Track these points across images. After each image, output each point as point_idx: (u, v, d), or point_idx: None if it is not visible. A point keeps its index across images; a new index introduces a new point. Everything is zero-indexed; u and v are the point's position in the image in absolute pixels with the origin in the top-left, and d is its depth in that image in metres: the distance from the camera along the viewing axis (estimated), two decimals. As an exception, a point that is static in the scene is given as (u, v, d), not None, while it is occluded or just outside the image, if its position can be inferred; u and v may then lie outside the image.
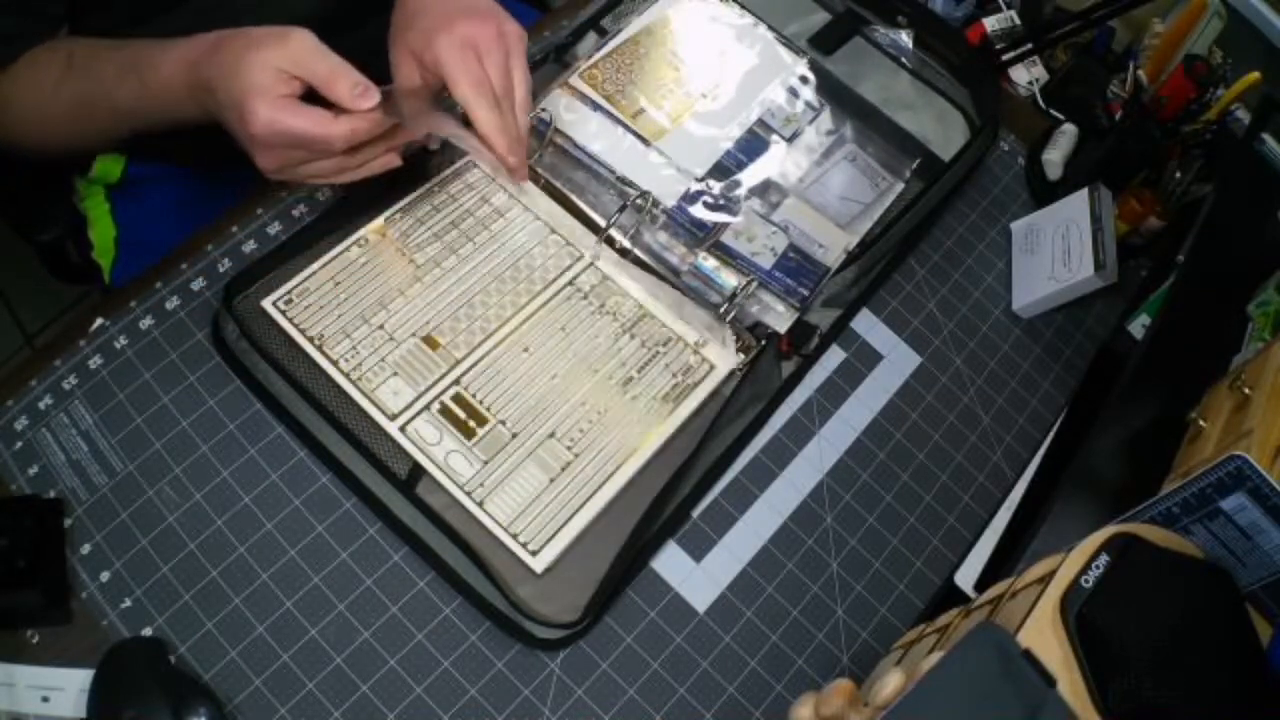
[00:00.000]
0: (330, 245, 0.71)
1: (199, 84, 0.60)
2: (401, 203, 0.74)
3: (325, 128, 0.58)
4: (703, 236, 0.77)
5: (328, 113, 0.58)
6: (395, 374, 0.67)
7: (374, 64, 0.85)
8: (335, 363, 0.66)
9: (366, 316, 0.68)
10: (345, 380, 0.66)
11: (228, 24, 0.71)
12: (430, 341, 0.69)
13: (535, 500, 0.65)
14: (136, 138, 0.75)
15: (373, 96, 0.58)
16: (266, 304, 0.67)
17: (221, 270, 0.70)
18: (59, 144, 0.69)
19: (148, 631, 0.58)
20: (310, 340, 0.67)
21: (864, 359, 0.79)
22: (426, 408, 0.66)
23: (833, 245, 0.80)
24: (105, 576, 0.59)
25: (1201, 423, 0.67)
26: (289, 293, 0.68)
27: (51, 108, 0.66)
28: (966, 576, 0.71)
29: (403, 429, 0.65)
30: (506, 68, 0.66)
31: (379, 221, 0.73)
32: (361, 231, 0.72)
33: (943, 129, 0.91)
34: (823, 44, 0.93)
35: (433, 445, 0.65)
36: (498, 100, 0.65)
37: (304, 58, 0.57)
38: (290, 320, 0.67)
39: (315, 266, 0.69)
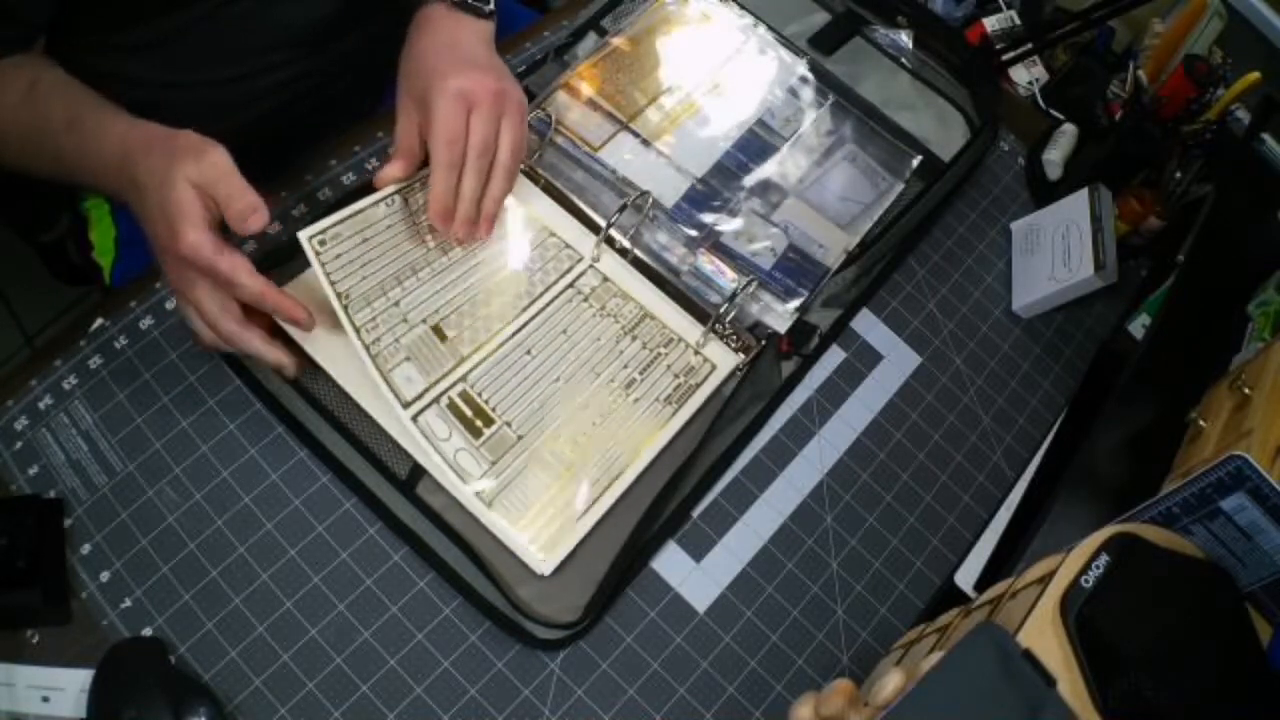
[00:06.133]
0: (360, 197, 0.69)
1: (126, 176, 0.60)
2: (421, 174, 0.71)
3: (236, 272, 0.58)
4: (702, 237, 0.77)
5: (248, 263, 0.59)
6: (408, 358, 0.66)
7: (369, 65, 0.85)
8: (358, 330, 0.65)
9: (385, 289, 0.68)
10: (365, 353, 0.65)
11: (214, 35, 0.71)
12: (439, 332, 0.68)
13: (540, 503, 0.64)
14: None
15: (261, 218, 0.58)
16: (304, 236, 0.65)
17: (221, 270, 0.70)
18: (14, 165, 0.67)
19: (148, 631, 0.58)
20: (338, 296, 0.65)
21: (864, 359, 0.79)
22: (436, 400, 0.66)
23: (833, 245, 0.80)
24: (105, 576, 0.59)
25: (1201, 423, 0.67)
26: (323, 231, 0.66)
27: (4, 130, 0.64)
28: (966, 576, 0.71)
29: (415, 419, 0.65)
30: (495, 128, 0.66)
31: (401, 187, 0.70)
32: (389, 191, 0.70)
33: (943, 129, 0.91)
34: (823, 44, 0.93)
35: (443, 440, 0.65)
36: (463, 161, 0.66)
37: (213, 177, 0.57)
38: (322, 263, 0.65)
39: (347, 211, 0.68)
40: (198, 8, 0.69)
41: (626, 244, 0.75)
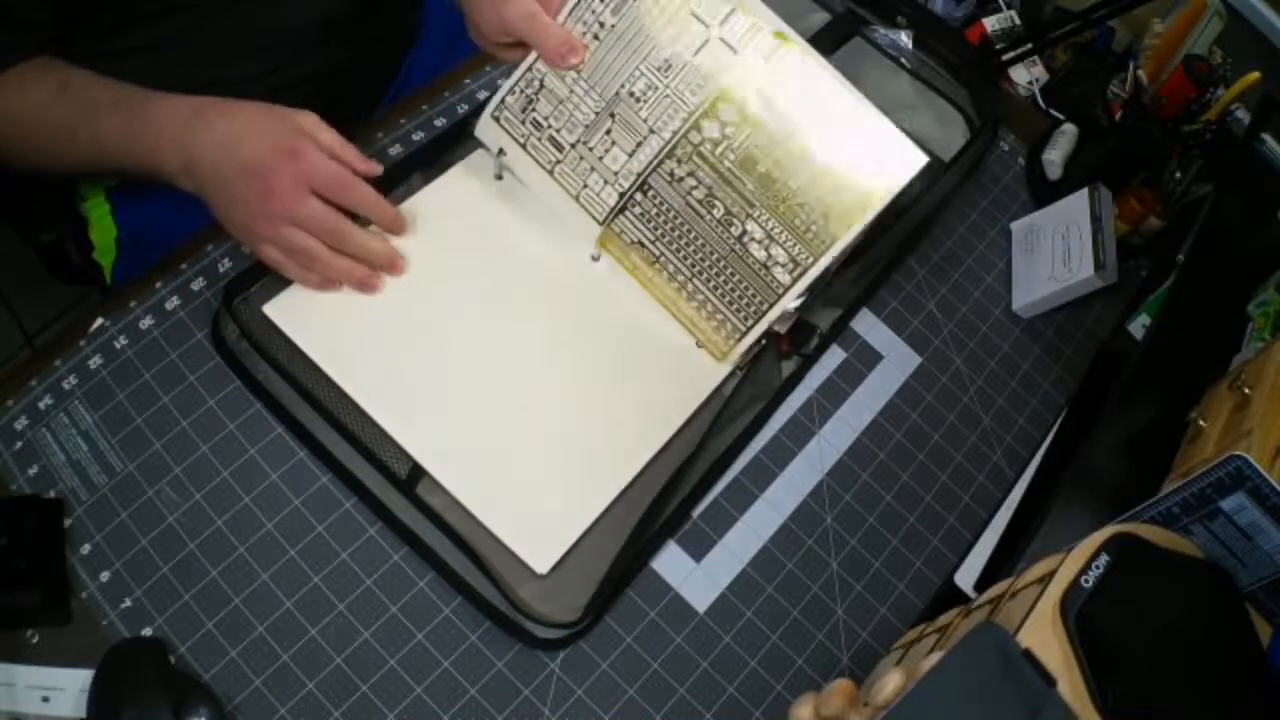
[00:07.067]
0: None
1: (201, 126, 0.62)
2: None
3: (355, 163, 0.64)
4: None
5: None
6: None
7: (370, 65, 0.85)
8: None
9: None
10: None
11: (212, 36, 0.72)
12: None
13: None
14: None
15: (376, 168, 0.65)
16: None
17: (221, 270, 0.70)
18: (36, 164, 0.68)
19: (148, 631, 0.58)
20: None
21: (864, 359, 0.79)
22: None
23: (833, 245, 0.80)
24: (105, 576, 0.59)
25: (1201, 423, 0.67)
26: None
27: (35, 128, 0.65)
28: (966, 576, 0.71)
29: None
30: None
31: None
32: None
33: (943, 129, 0.91)
34: (823, 44, 0.93)
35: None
36: None
37: (317, 126, 0.63)
38: None
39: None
40: (202, 7, 0.69)
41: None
